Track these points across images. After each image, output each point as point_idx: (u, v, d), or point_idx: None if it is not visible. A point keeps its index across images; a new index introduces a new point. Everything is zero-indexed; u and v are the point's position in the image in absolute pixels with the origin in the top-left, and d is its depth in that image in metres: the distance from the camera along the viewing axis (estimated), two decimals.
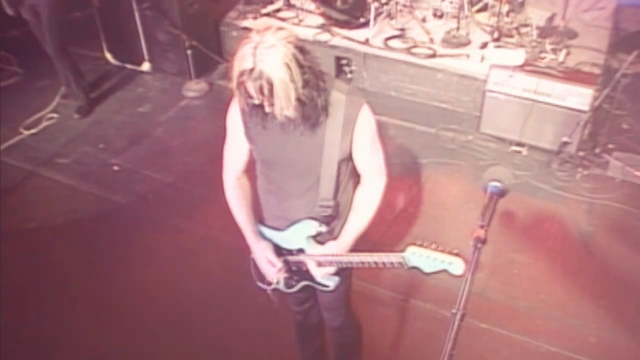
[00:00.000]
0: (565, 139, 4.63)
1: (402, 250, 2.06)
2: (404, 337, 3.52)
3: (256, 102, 1.99)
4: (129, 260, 4.12)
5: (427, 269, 2.02)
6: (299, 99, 1.97)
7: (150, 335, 3.60)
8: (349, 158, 2.29)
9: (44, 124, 5.53)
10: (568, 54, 5.26)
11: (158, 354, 3.52)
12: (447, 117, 5.28)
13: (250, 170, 2.50)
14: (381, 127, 5.11)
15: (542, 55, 5.19)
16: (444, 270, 1.98)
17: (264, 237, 2.54)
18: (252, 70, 1.91)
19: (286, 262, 2.52)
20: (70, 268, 4.10)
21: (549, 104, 4.60)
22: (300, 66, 1.94)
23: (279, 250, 2.53)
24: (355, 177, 2.40)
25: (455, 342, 1.72)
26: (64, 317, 3.76)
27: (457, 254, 1.95)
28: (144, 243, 4.25)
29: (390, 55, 5.44)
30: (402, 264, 2.09)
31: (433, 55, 5.32)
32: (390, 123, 5.24)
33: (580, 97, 4.50)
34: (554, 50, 5.23)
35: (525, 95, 4.64)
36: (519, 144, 4.85)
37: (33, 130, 5.44)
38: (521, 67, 4.76)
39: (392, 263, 2.14)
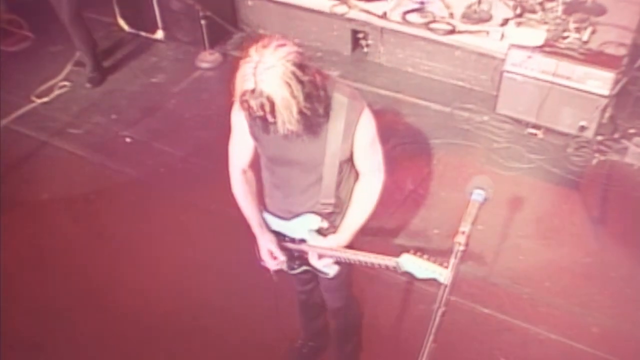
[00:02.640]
0: (583, 123, 4.75)
1: (397, 255, 2.27)
2: (406, 318, 3.72)
3: (259, 114, 2.15)
4: (139, 233, 4.36)
5: (419, 275, 2.22)
6: (301, 112, 2.12)
7: (157, 307, 3.87)
8: (350, 158, 2.48)
9: (56, 92, 5.74)
10: (593, 32, 5.25)
11: (165, 325, 3.78)
12: (464, 96, 5.40)
13: (255, 162, 2.69)
14: (395, 104, 5.30)
15: (565, 34, 5.23)
16: (434, 279, 2.15)
17: (269, 224, 2.77)
18: (253, 90, 2.06)
19: (288, 249, 2.76)
20: (81, 240, 4.35)
21: (568, 87, 4.70)
22: (300, 82, 2.07)
23: (282, 237, 2.76)
24: (356, 170, 2.59)
25: (437, 335, 1.91)
26: (73, 287, 4.02)
27: (446, 267, 2.11)
28: (155, 216, 4.48)
29: (408, 30, 5.55)
30: (396, 268, 2.29)
31: (452, 32, 5.42)
32: (405, 101, 5.39)
33: (601, 81, 4.59)
34: (578, 29, 5.25)
35: (544, 77, 4.75)
36: (535, 127, 4.97)
37: (45, 99, 5.66)
38: (541, 48, 4.84)
39: (387, 266, 2.34)
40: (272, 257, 2.77)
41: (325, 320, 3.46)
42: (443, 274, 2.10)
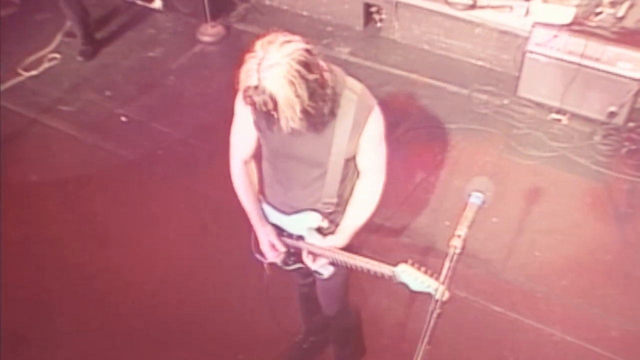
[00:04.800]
0: (612, 108, 4.81)
1: (395, 265, 2.39)
2: (410, 319, 3.81)
3: (263, 110, 2.26)
4: (133, 219, 4.49)
5: (414, 287, 2.33)
6: (304, 111, 2.22)
7: (151, 298, 4.01)
8: (354, 156, 2.61)
9: (45, 65, 5.86)
10: (631, 6, 5.14)
11: (160, 317, 3.92)
12: (483, 76, 5.48)
13: (256, 152, 2.81)
14: (409, 85, 5.33)
15: (598, 9, 5.21)
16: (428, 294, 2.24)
17: (267, 216, 2.92)
18: (256, 87, 2.17)
19: (285, 243, 2.91)
20: (71, 225, 4.49)
21: (596, 69, 4.75)
22: (305, 80, 2.18)
23: (280, 231, 2.91)
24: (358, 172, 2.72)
25: (432, 337, 2.04)
26: (62, 276, 4.16)
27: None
28: (151, 202, 4.61)
29: (424, 4, 5.59)
30: (392, 278, 2.42)
31: (472, 7, 5.46)
32: (420, 81, 5.48)
33: (634, 63, 4.63)
34: (613, 4, 5.19)
35: (571, 58, 4.80)
36: (559, 112, 5.05)
37: (33, 72, 5.78)
38: (568, 26, 4.88)
39: (382, 274, 2.47)
40: (273, 249, 2.92)
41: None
42: (439, 290, 2.17)
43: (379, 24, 5.98)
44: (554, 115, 5.08)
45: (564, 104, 5.00)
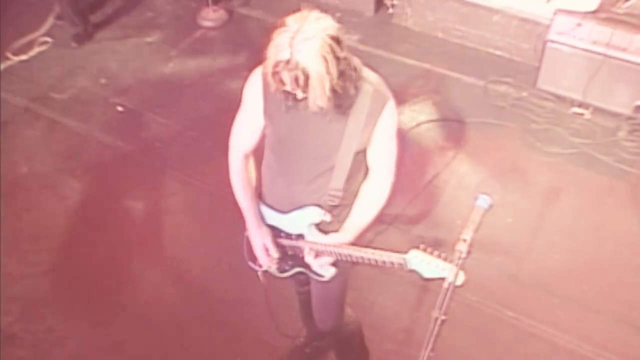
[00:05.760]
0: (639, 102, 4.81)
1: (405, 252, 2.38)
2: (417, 322, 3.81)
3: (288, 89, 2.30)
4: (130, 214, 4.52)
5: (427, 274, 2.32)
6: (333, 90, 2.27)
7: (148, 296, 4.03)
8: (365, 150, 2.62)
9: (36, 49, 5.88)
10: None
11: (157, 316, 3.93)
12: (501, 67, 5.47)
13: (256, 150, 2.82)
14: (422, 76, 5.30)
15: None
16: (443, 278, 2.22)
17: (264, 218, 2.91)
18: (288, 61, 2.20)
19: (283, 246, 2.90)
20: (64, 220, 4.51)
21: (623, 60, 4.75)
22: (337, 57, 2.23)
23: (278, 232, 2.90)
24: (365, 166, 2.72)
25: (435, 344, 2.04)
26: (55, 273, 4.17)
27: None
28: (148, 196, 4.63)
29: None
30: (403, 266, 2.41)
31: None
32: (434, 72, 5.48)
33: None
34: None
35: (595, 48, 4.79)
36: (581, 105, 5.04)
37: (23, 57, 5.80)
38: (593, 14, 4.86)
39: (392, 263, 2.46)
40: (266, 254, 2.91)
41: None
42: (453, 272, 2.16)
43: (390, 10, 5.98)
44: (576, 109, 5.07)
45: (586, 97, 4.99)
